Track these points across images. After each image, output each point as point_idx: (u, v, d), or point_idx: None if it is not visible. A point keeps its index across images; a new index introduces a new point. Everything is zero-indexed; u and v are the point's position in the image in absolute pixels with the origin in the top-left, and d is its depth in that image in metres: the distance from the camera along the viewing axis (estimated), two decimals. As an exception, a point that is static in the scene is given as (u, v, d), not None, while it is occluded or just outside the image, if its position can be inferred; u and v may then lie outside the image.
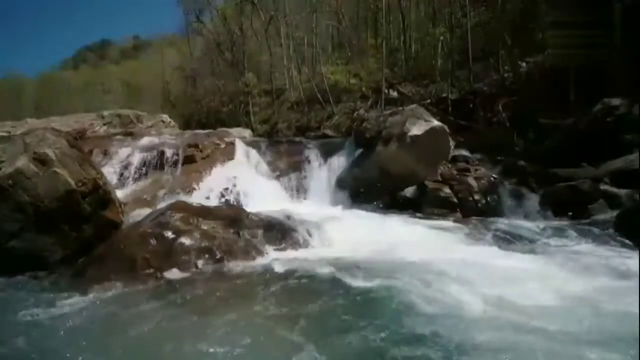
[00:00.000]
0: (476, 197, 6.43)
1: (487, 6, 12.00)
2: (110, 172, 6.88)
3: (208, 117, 20.12)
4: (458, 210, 6.39)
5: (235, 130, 10.27)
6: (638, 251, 3.95)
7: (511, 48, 9.96)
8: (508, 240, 4.91)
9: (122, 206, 5.41)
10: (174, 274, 4.12)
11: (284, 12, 17.84)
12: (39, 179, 4.27)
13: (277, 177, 7.61)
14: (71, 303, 3.46)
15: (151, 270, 4.16)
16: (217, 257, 4.43)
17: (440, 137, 7.19)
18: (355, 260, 4.23)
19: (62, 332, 3.00)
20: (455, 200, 6.46)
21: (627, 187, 5.71)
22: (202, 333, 2.84)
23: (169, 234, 4.52)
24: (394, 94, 12.50)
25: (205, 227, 4.70)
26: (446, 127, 7.43)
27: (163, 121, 11.81)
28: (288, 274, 4.10)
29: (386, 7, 14.92)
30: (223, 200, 6.55)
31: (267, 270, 4.26)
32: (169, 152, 7.43)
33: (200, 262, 4.31)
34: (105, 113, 10.72)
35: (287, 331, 2.85)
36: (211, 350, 2.61)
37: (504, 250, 4.43)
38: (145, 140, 8.15)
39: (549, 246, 4.63)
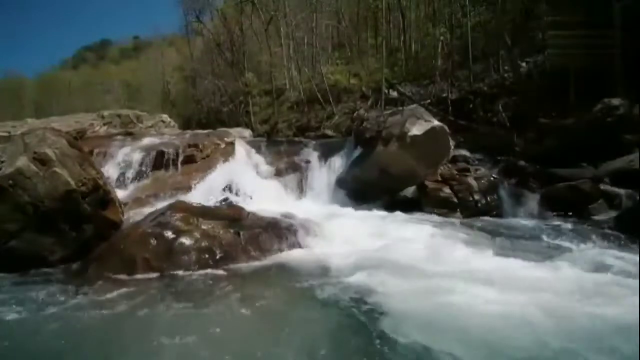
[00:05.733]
0: (476, 197, 6.43)
1: (487, 6, 12.00)
2: (110, 172, 6.88)
3: (208, 117, 20.13)
4: (458, 210, 6.39)
5: (235, 130, 10.26)
6: (638, 251, 3.95)
7: (511, 48, 9.95)
8: (507, 240, 4.90)
9: (122, 206, 5.41)
10: (174, 273, 4.12)
11: (284, 12, 17.81)
12: (39, 179, 4.27)
13: (277, 177, 7.61)
14: (71, 303, 3.46)
15: (151, 270, 4.17)
16: (217, 256, 4.43)
17: (440, 137, 7.19)
18: (355, 260, 4.22)
19: (61, 332, 3.00)
20: (455, 200, 6.46)
21: (627, 187, 5.70)
22: (202, 332, 2.84)
23: (169, 234, 4.52)
24: (394, 94, 12.48)
25: (205, 227, 4.70)
26: (446, 127, 7.43)
27: (163, 121, 11.83)
28: (288, 274, 4.10)
29: (386, 7, 14.91)
30: (223, 200, 6.55)
31: (267, 269, 4.27)
32: (169, 152, 7.43)
33: (200, 262, 4.31)
34: (105, 113, 10.73)
35: (287, 330, 2.85)
36: (211, 348, 2.61)
37: (503, 251, 4.42)
38: (145, 140, 8.15)
39: (549, 246, 4.62)
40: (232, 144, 8.13)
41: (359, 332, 2.75)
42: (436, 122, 7.28)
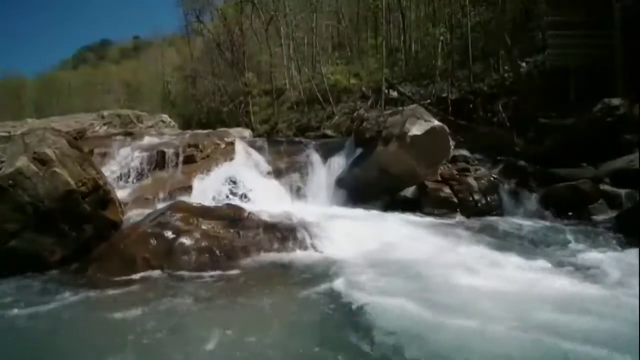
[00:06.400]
0: (476, 197, 6.42)
1: (487, 6, 12.02)
2: (110, 172, 6.87)
3: (208, 117, 20.15)
4: (458, 210, 6.38)
5: (235, 130, 10.24)
6: (638, 251, 3.94)
7: (511, 48, 9.96)
8: (507, 241, 4.90)
9: (122, 206, 5.41)
10: (173, 273, 4.12)
11: (284, 12, 17.84)
12: (39, 179, 4.27)
13: (277, 177, 7.60)
14: (71, 303, 3.46)
15: (151, 270, 4.17)
16: (217, 256, 4.43)
17: (440, 137, 7.18)
18: (354, 260, 4.23)
19: (61, 332, 3.01)
20: (455, 200, 6.45)
21: (627, 187, 5.70)
22: (201, 332, 2.84)
23: (169, 234, 4.52)
24: (394, 94, 12.50)
25: (205, 227, 4.70)
26: (446, 127, 7.42)
27: (163, 121, 11.80)
28: (287, 274, 4.11)
29: (386, 7, 14.93)
30: (223, 200, 6.54)
31: (267, 269, 4.27)
32: (169, 152, 7.41)
33: (200, 262, 4.31)
34: (105, 113, 10.70)
35: (285, 330, 2.85)
36: (209, 347, 2.62)
37: (503, 251, 4.42)
38: (145, 140, 8.13)
39: (549, 247, 4.62)
40: (232, 144, 8.11)
41: (358, 334, 2.75)
42: (436, 122, 7.27)
